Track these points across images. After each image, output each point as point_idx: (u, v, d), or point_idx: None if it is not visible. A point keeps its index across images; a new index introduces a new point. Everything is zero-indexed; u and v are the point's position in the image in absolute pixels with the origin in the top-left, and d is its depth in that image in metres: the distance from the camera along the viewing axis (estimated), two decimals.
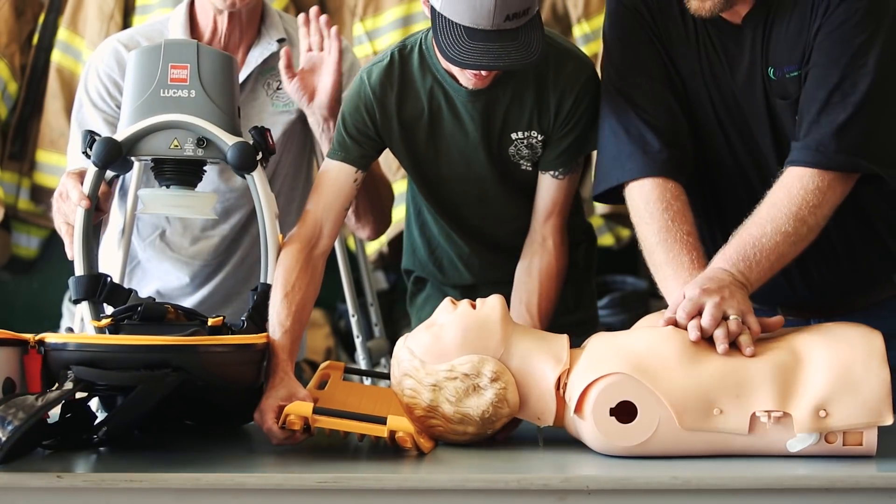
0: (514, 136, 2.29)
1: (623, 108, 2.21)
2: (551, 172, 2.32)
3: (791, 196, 2.06)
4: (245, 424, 2.18)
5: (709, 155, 2.26)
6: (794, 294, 2.29)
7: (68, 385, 1.85)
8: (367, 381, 2.80)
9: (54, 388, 1.86)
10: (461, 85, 2.24)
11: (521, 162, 2.31)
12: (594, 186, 2.27)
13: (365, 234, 2.70)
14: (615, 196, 2.25)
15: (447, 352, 1.98)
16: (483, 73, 2.16)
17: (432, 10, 2.12)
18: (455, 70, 2.20)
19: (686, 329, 1.96)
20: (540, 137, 2.29)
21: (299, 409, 1.92)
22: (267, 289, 2.13)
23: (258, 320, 2.09)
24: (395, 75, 2.27)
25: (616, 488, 1.78)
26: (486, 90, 2.23)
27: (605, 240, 4.02)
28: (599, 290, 3.97)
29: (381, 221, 2.65)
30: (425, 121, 2.28)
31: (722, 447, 1.89)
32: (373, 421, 1.92)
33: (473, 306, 2.01)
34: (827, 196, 2.06)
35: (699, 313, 1.96)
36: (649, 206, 2.15)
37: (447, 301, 2.04)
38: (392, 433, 1.91)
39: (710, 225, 2.30)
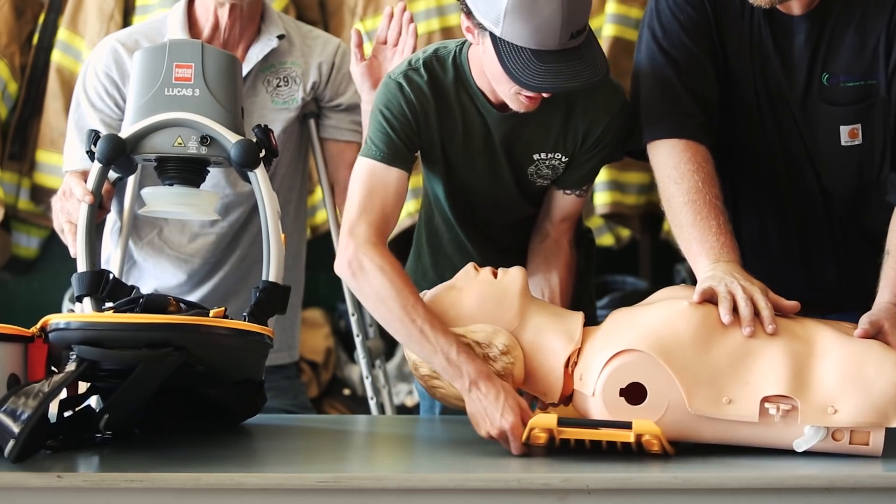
0: (536, 156, 2.28)
1: (662, 67, 2.22)
2: (576, 192, 2.32)
3: None
4: (243, 422, 2.18)
5: (739, 134, 2.26)
6: (796, 293, 2.29)
7: (71, 366, 1.85)
8: None
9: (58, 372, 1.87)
10: (493, 105, 2.22)
11: (538, 180, 2.31)
12: (624, 141, 2.27)
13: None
14: (637, 151, 2.27)
15: (463, 317, 1.98)
16: (545, 94, 2.11)
17: (492, 36, 2.06)
18: (505, 94, 2.14)
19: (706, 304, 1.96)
20: (564, 159, 2.28)
21: (545, 422, 1.89)
22: (269, 286, 2.13)
23: (260, 317, 2.09)
24: (431, 88, 2.22)
25: (616, 488, 1.78)
26: (513, 116, 2.20)
27: (605, 240, 4.02)
28: (599, 289, 3.97)
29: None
30: (460, 135, 2.26)
31: (729, 435, 1.89)
32: (618, 427, 1.89)
33: (495, 274, 2.01)
34: None
35: None
36: (680, 166, 2.15)
37: (470, 266, 2.04)
38: (638, 437, 1.88)
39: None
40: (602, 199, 3.83)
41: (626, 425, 1.87)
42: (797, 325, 1.97)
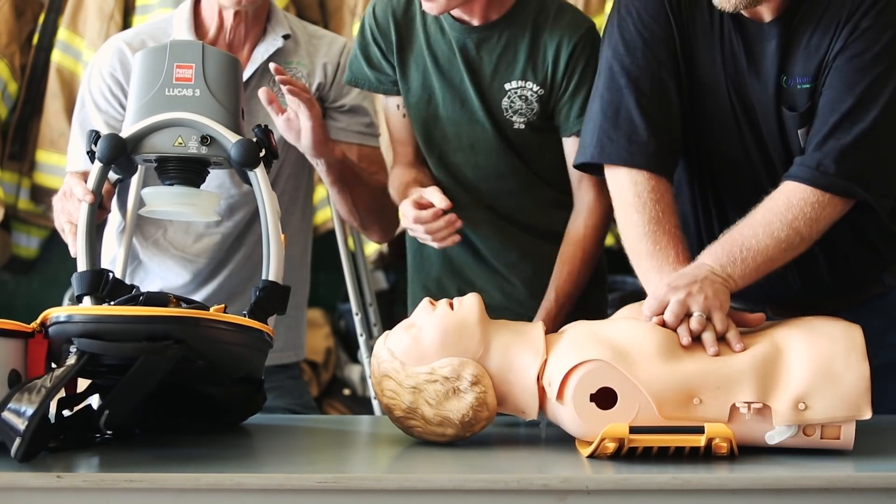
0: (507, 86, 2.27)
1: (620, 88, 2.20)
2: (576, 133, 2.31)
3: (790, 205, 2.07)
4: (243, 421, 2.18)
5: (720, 149, 2.26)
6: (787, 290, 2.29)
7: (72, 360, 1.85)
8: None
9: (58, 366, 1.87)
10: (455, 18, 2.23)
11: (514, 119, 2.29)
12: (577, 155, 2.27)
13: (375, 239, 2.75)
14: (590, 166, 2.27)
15: (427, 354, 1.97)
16: None
17: None
18: None
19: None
20: (536, 89, 2.26)
21: (616, 431, 1.85)
22: (268, 285, 2.13)
23: (259, 316, 2.10)
24: (399, 4, 2.26)
25: (616, 488, 1.78)
26: (478, 30, 2.20)
27: (606, 240, 4.01)
28: None
29: (388, 228, 2.67)
30: (424, 53, 2.26)
31: None
32: (689, 432, 1.87)
33: (451, 306, 2.01)
34: (826, 212, 2.08)
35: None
36: (642, 195, 2.16)
37: (426, 301, 2.03)
38: (710, 440, 1.86)
39: (709, 221, 2.31)
40: None
41: (699, 430, 1.86)
42: (760, 329, 1.99)
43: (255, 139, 2.18)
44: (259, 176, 2.17)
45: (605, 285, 2.62)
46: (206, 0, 2.61)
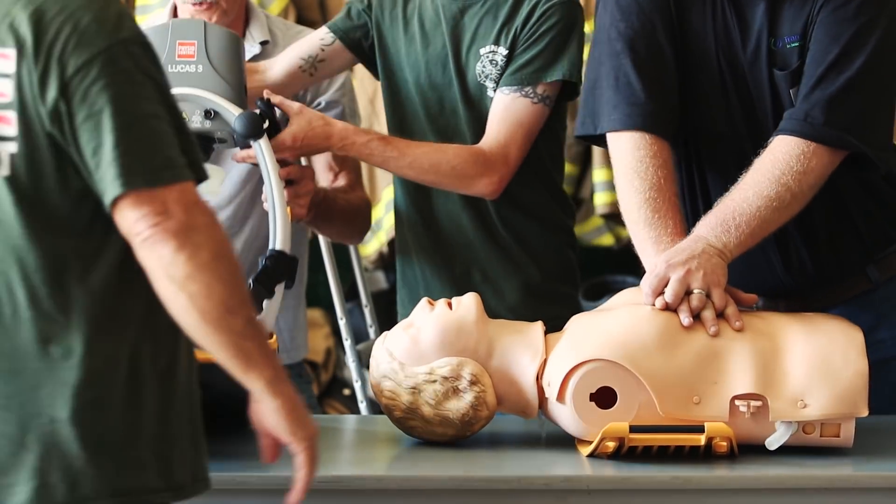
0: (482, 51, 2.28)
1: (618, 53, 2.18)
2: (503, 89, 2.29)
3: (775, 161, 2.05)
4: (243, 422, 2.17)
5: (704, 120, 2.24)
6: (774, 278, 2.28)
7: None
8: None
9: None
10: None
11: (487, 84, 2.30)
12: (578, 126, 2.26)
13: (350, 243, 2.78)
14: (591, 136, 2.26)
15: (426, 354, 1.97)
16: None
17: None
18: None
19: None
20: (504, 53, 2.27)
21: (617, 430, 1.85)
22: (276, 254, 2.11)
23: (267, 284, 2.08)
24: None
25: (616, 488, 1.78)
26: None
27: (605, 240, 4.02)
28: (599, 289, 3.98)
29: (361, 233, 2.68)
30: (413, 20, 2.29)
31: None
32: (689, 431, 1.86)
33: (450, 305, 2.01)
34: (812, 164, 2.05)
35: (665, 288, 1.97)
36: (644, 160, 2.13)
37: (424, 301, 2.03)
38: (710, 440, 1.85)
39: (693, 196, 2.30)
40: (602, 199, 3.83)
41: (699, 429, 1.86)
42: (759, 321, 1.98)
43: (258, 111, 2.18)
44: (263, 147, 2.17)
45: (576, 283, 2.59)
46: (182, 7, 2.61)
